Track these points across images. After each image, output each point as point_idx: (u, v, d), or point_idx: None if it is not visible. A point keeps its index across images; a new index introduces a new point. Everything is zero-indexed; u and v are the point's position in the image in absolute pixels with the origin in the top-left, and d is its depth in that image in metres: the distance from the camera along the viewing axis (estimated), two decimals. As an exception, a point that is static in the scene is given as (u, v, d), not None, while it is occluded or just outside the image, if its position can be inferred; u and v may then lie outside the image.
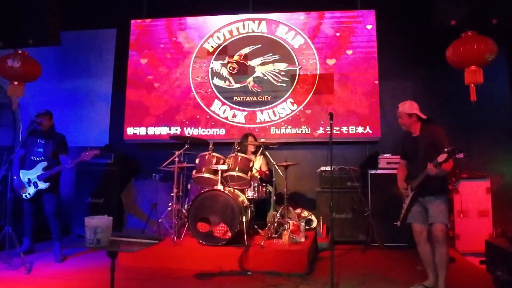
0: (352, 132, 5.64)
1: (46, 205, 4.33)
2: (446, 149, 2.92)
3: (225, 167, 4.40)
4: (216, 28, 6.15)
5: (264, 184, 4.77)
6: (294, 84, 5.88)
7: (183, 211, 4.72)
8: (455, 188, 4.76)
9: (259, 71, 5.98)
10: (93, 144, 5.99)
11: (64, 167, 4.34)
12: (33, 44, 4.53)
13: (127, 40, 6.27)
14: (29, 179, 4.29)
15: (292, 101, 5.85)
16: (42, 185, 4.27)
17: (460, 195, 4.73)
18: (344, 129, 5.66)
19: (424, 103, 5.59)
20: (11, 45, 4.65)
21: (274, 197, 4.75)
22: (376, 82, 5.67)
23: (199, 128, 5.99)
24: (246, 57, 6.03)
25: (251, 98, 5.95)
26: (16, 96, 4.93)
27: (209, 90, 6.05)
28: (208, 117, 6.00)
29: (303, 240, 4.32)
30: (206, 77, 6.08)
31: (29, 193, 4.29)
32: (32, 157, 4.34)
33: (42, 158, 4.34)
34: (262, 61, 5.98)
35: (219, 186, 4.31)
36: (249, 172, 4.52)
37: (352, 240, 4.96)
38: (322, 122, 5.71)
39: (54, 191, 4.36)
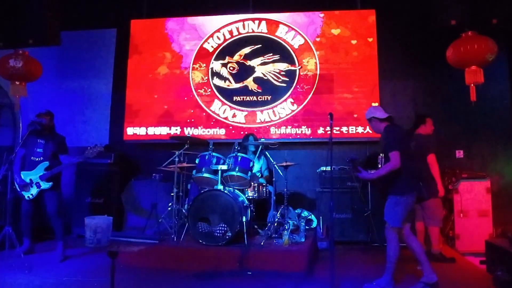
0: (352, 132, 5.64)
1: (48, 204, 4.30)
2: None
3: (225, 167, 4.40)
4: (216, 28, 6.15)
5: (264, 184, 4.78)
6: (294, 84, 5.87)
7: (183, 211, 4.72)
8: (455, 188, 4.76)
9: (259, 71, 5.98)
10: (93, 144, 5.99)
11: (67, 164, 4.33)
12: (33, 44, 4.53)
13: (127, 40, 6.27)
14: (30, 180, 4.24)
15: (292, 101, 5.85)
16: (44, 185, 4.24)
17: (460, 195, 4.74)
18: (344, 129, 5.66)
19: (424, 103, 5.69)
20: (11, 45, 4.66)
21: (274, 197, 4.75)
22: (376, 82, 5.68)
23: (199, 128, 5.99)
24: (246, 57, 6.03)
25: (251, 98, 5.95)
26: (19, 96, 4.93)
27: (209, 90, 6.05)
28: (208, 117, 6.00)
29: (303, 240, 4.32)
30: (206, 77, 6.08)
31: (31, 194, 4.25)
32: (32, 158, 4.31)
33: (42, 158, 4.30)
34: (262, 61, 5.98)
35: (219, 186, 4.31)
36: (249, 172, 4.52)
37: (352, 240, 4.97)
38: (322, 122, 5.70)
39: (56, 189, 4.34)
